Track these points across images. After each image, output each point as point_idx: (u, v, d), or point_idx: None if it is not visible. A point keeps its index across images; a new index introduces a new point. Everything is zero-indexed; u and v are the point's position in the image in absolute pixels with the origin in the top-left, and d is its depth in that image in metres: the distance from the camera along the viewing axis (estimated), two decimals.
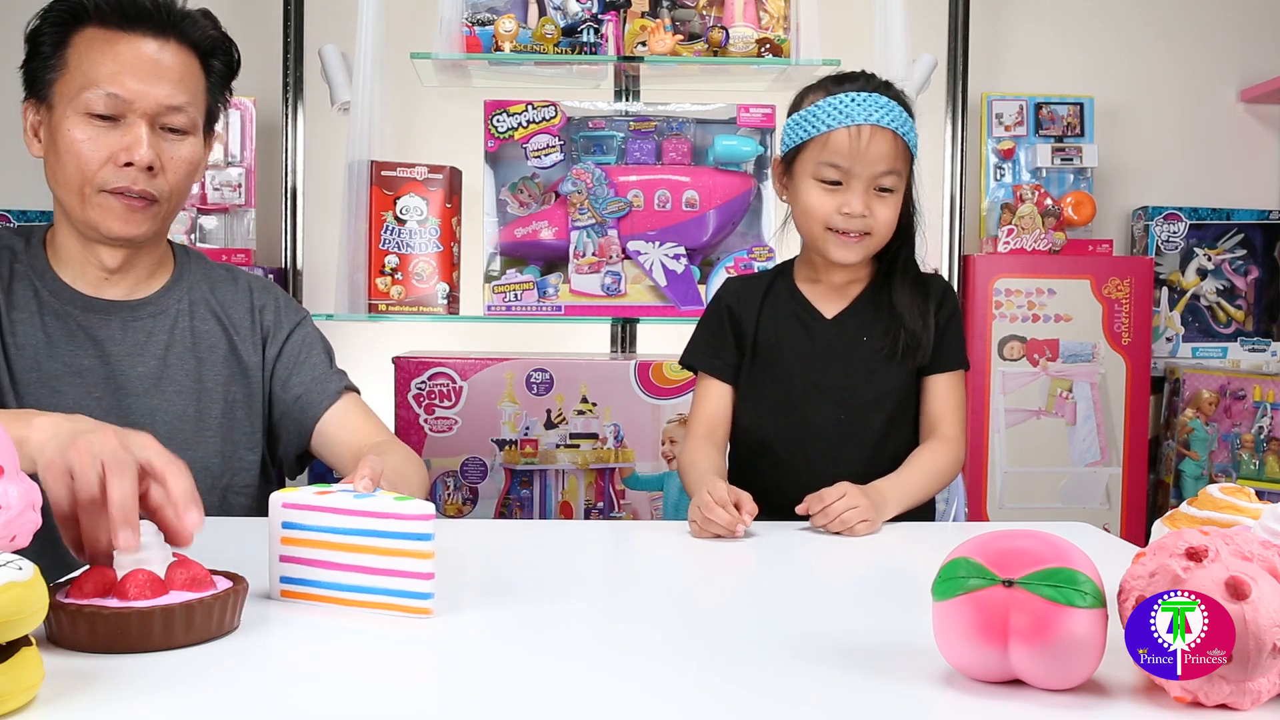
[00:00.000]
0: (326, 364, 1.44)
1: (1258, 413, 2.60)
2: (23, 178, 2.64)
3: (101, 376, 1.32)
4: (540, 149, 2.06)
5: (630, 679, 0.75)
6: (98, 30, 1.26)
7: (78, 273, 1.33)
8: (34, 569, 0.66)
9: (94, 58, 1.25)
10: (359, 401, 1.43)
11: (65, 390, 1.30)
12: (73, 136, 1.25)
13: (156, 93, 1.26)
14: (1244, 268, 2.81)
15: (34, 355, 1.30)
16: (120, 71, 1.24)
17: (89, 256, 1.32)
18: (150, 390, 1.33)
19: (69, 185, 1.27)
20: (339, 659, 0.79)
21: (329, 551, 0.88)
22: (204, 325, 1.38)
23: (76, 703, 0.68)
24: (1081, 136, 2.74)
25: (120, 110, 1.25)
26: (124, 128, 1.25)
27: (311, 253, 2.58)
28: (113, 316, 1.33)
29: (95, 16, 1.26)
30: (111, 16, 1.25)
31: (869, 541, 1.22)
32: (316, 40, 2.43)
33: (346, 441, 1.37)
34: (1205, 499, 0.92)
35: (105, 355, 1.32)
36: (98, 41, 1.25)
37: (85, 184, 1.26)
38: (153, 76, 1.26)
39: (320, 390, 1.40)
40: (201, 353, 1.37)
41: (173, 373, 1.35)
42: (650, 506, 2.09)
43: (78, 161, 1.25)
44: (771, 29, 2.20)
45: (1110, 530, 2.53)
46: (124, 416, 1.31)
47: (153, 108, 1.26)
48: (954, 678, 0.73)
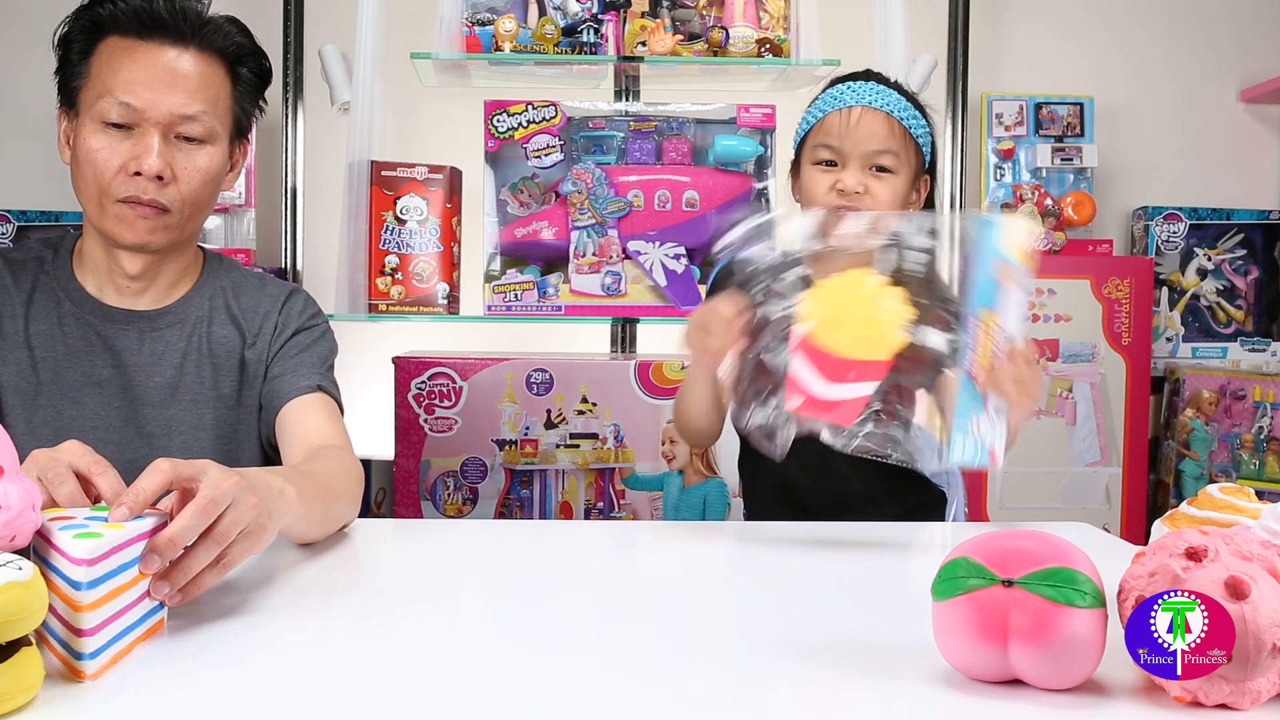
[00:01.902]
0: (315, 364, 1.39)
1: (1258, 413, 2.60)
2: (23, 178, 2.65)
3: (119, 387, 1.32)
4: (540, 149, 2.06)
5: (630, 679, 0.75)
6: (119, 39, 1.27)
7: (103, 279, 1.34)
8: (34, 569, 0.66)
9: (113, 67, 1.26)
10: (328, 404, 1.36)
11: (84, 400, 1.30)
12: (89, 145, 1.26)
13: (169, 102, 1.26)
14: (1244, 268, 2.81)
15: (54, 366, 1.30)
16: (134, 80, 1.25)
17: (112, 264, 1.33)
18: (167, 400, 1.33)
19: (88, 194, 1.28)
20: (338, 659, 0.79)
21: None
22: (222, 330, 1.38)
23: (77, 703, 0.68)
24: (1081, 136, 2.74)
25: (133, 119, 1.25)
26: (136, 137, 1.26)
27: (311, 253, 2.58)
28: (130, 327, 1.34)
29: (114, 26, 1.27)
30: (130, 26, 1.26)
31: (869, 541, 1.22)
32: (316, 40, 2.43)
33: (299, 435, 1.31)
34: (1205, 499, 0.92)
35: (122, 365, 1.32)
36: (118, 51, 1.26)
37: (102, 193, 1.27)
38: (167, 85, 1.26)
39: (293, 382, 1.35)
40: (218, 359, 1.36)
41: (189, 382, 1.35)
42: (650, 506, 2.09)
43: (94, 171, 1.26)
44: (771, 29, 2.20)
45: (1110, 530, 2.53)
46: (141, 427, 1.32)
47: (165, 117, 1.26)
48: (954, 678, 0.73)
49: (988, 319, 1.11)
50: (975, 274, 1.11)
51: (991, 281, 1.11)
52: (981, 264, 1.11)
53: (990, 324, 1.11)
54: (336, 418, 1.35)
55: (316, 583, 1.01)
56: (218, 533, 0.83)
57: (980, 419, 1.11)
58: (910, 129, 1.41)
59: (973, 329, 1.11)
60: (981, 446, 1.10)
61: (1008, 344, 1.11)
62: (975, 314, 1.11)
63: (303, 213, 2.54)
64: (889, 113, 1.39)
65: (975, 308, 1.11)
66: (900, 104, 1.40)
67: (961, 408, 1.11)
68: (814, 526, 1.30)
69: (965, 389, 1.11)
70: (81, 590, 0.70)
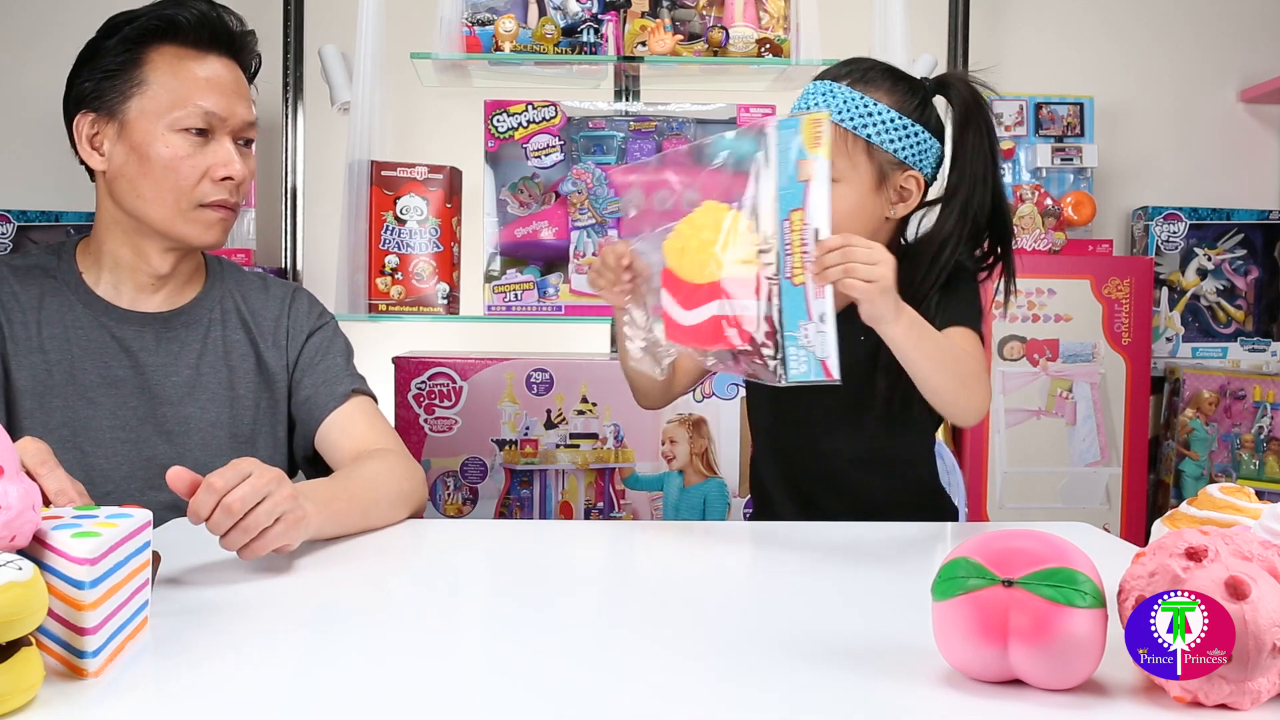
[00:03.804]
0: (341, 367, 1.44)
1: (1258, 413, 2.60)
2: (23, 178, 2.64)
3: (136, 386, 1.34)
4: (540, 149, 2.06)
5: (630, 679, 0.75)
6: (175, 49, 1.31)
7: (123, 280, 1.36)
8: (34, 569, 0.66)
9: (183, 76, 1.31)
10: (367, 405, 1.42)
11: (100, 401, 1.32)
12: (171, 152, 1.30)
13: (241, 110, 1.34)
14: (1244, 268, 2.81)
15: (69, 367, 1.32)
16: (209, 90, 1.31)
17: (139, 264, 1.36)
18: (184, 399, 1.36)
19: (160, 199, 1.31)
20: (339, 658, 0.79)
21: None
22: (235, 334, 1.41)
23: (77, 702, 0.68)
24: (1081, 136, 2.74)
25: (213, 126, 1.32)
26: (215, 144, 1.32)
27: (311, 253, 2.59)
28: (146, 329, 1.36)
29: (178, 36, 1.31)
30: (196, 36, 1.32)
31: (869, 542, 1.22)
32: (316, 40, 2.43)
33: (346, 447, 1.37)
34: (1205, 499, 0.92)
35: (139, 365, 1.34)
36: (183, 59, 1.31)
37: (180, 198, 1.31)
38: (235, 95, 1.34)
39: (328, 393, 1.40)
40: (233, 361, 1.40)
41: (206, 381, 1.37)
42: (650, 506, 2.09)
43: (175, 177, 1.30)
44: (771, 29, 2.20)
45: (1110, 530, 2.53)
46: (160, 425, 1.34)
47: (238, 124, 1.34)
48: (954, 678, 0.73)
49: (795, 219, 1.10)
50: (782, 181, 1.10)
51: (796, 183, 1.09)
52: (786, 168, 1.10)
53: (798, 224, 1.10)
54: (375, 416, 1.42)
55: (317, 582, 1.01)
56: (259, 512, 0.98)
57: (807, 328, 1.09)
58: (859, 132, 1.29)
59: (786, 234, 1.10)
60: (814, 358, 1.08)
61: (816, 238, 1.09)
62: (786, 219, 1.10)
63: (303, 213, 2.54)
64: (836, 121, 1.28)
65: (785, 213, 1.10)
66: (853, 106, 1.29)
67: (788, 318, 1.09)
68: (813, 526, 1.30)
69: (787, 297, 1.10)
70: (85, 589, 0.70)
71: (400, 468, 1.31)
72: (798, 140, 1.09)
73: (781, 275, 1.10)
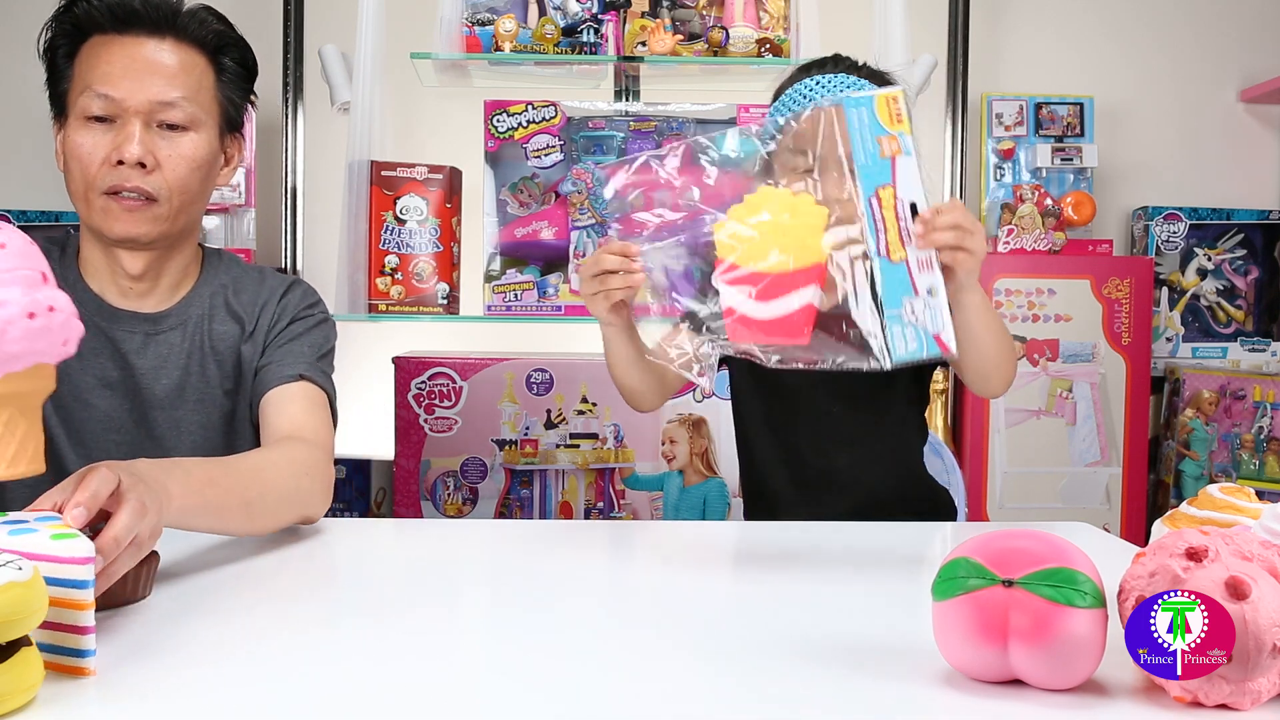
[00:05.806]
0: (306, 354, 1.36)
1: (1258, 413, 2.60)
2: (23, 178, 2.64)
3: (127, 389, 1.32)
4: (540, 149, 2.06)
5: (630, 679, 0.75)
6: (99, 38, 1.27)
7: (105, 281, 1.33)
8: (34, 569, 0.66)
9: (92, 63, 1.26)
10: (313, 394, 1.33)
11: (95, 403, 1.31)
12: (74, 142, 1.25)
13: (148, 90, 1.25)
14: (1244, 268, 2.81)
15: (66, 367, 1.29)
16: (112, 72, 1.25)
17: (112, 265, 1.32)
18: (174, 403, 1.33)
19: (76, 192, 1.27)
20: (338, 658, 0.79)
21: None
22: (222, 327, 1.37)
23: (76, 702, 0.68)
24: (1081, 136, 2.74)
25: (114, 111, 1.25)
26: (118, 128, 1.25)
27: (311, 253, 2.58)
28: (136, 330, 1.33)
29: (92, 25, 1.27)
30: (107, 22, 1.26)
31: (869, 542, 1.22)
32: (316, 40, 2.43)
33: (275, 425, 1.29)
34: (1205, 499, 0.92)
35: (129, 368, 1.32)
36: (97, 48, 1.26)
37: (89, 189, 1.26)
38: (145, 74, 1.25)
39: (279, 370, 1.33)
40: (221, 355, 1.36)
41: (195, 383, 1.34)
42: (650, 506, 2.09)
43: (79, 166, 1.25)
44: (771, 29, 2.20)
45: (1110, 530, 2.53)
46: (151, 429, 1.32)
47: (145, 105, 1.25)
48: (954, 678, 0.73)
49: (885, 196, 1.07)
50: (861, 158, 1.08)
51: (880, 160, 1.07)
52: (864, 146, 1.07)
53: (889, 200, 1.07)
54: (317, 407, 1.31)
55: (317, 582, 1.01)
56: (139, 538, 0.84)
57: (913, 303, 1.06)
58: None
59: (876, 211, 1.07)
60: (925, 333, 1.05)
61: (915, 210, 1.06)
62: (874, 196, 1.07)
63: (303, 213, 2.54)
64: None
65: (872, 190, 1.08)
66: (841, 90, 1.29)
67: (889, 296, 1.06)
68: (813, 526, 1.30)
69: (886, 274, 1.06)
70: (84, 589, 0.71)
71: (304, 460, 1.20)
72: (871, 118, 1.08)
73: (876, 254, 1.07)
